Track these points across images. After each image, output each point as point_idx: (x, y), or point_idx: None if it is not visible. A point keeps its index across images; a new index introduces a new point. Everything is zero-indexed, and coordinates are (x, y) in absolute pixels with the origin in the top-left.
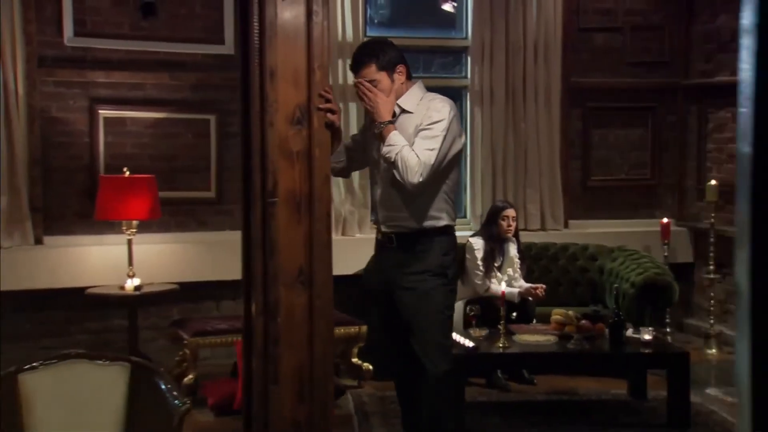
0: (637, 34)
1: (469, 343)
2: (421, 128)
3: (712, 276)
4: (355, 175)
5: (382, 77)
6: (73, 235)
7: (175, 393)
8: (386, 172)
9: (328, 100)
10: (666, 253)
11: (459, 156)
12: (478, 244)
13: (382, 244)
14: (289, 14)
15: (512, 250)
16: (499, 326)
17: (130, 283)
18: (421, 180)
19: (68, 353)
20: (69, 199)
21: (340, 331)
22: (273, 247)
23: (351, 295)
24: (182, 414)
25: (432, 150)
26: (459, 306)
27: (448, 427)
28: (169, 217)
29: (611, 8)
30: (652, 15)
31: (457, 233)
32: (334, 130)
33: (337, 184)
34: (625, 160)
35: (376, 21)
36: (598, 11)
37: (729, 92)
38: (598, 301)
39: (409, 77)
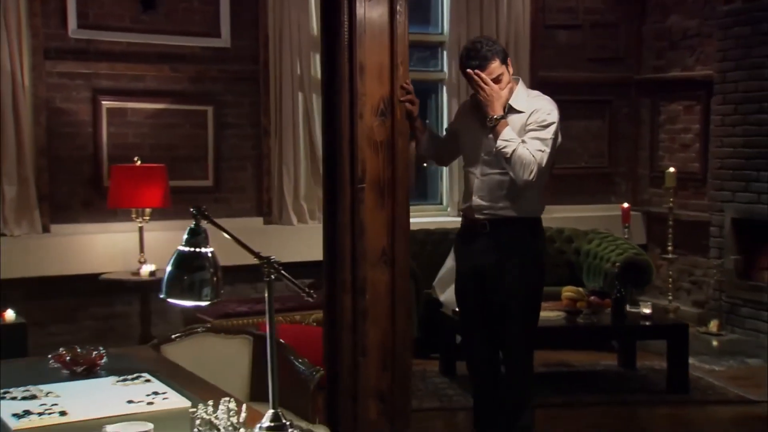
0: (595, 31)
1: None
2: (530, 128)
3: (670, 256)
4: None
5: (504, 71)
6: (79, 224)
7: (304, 363)
8: (487, 164)
9: (408, 92)
10: (627, 236)
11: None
12: None
13: (472, 230)
14: (375, 13)
15: None
16: None
17: (145, 269)
18: (532, 179)
19: (197, 327)
20: (75, 189)
21: None
22: (361, 229)
23: None
24: (317, 381)
25: (544, 151)
26: None
27: (529, 409)
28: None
29: (572, 6)
30: (608, 13)
31: (435, 219)
32: (412, 120)
33: None
34: (585, 150)
35: None
36: (561, 9)
37: (680, 87)
38: (577, 281)
39: None
